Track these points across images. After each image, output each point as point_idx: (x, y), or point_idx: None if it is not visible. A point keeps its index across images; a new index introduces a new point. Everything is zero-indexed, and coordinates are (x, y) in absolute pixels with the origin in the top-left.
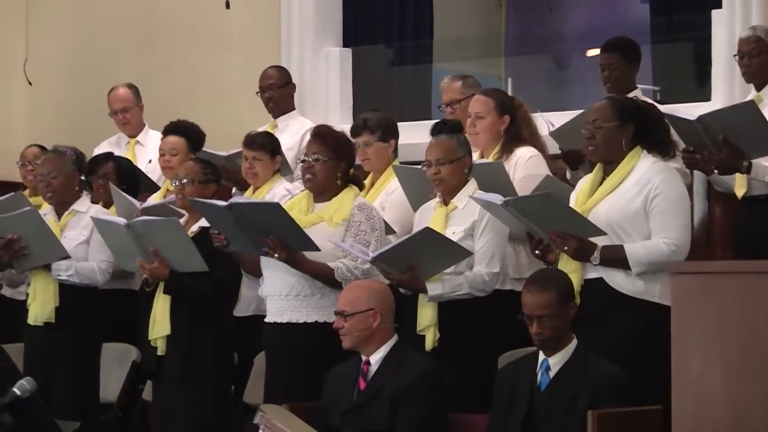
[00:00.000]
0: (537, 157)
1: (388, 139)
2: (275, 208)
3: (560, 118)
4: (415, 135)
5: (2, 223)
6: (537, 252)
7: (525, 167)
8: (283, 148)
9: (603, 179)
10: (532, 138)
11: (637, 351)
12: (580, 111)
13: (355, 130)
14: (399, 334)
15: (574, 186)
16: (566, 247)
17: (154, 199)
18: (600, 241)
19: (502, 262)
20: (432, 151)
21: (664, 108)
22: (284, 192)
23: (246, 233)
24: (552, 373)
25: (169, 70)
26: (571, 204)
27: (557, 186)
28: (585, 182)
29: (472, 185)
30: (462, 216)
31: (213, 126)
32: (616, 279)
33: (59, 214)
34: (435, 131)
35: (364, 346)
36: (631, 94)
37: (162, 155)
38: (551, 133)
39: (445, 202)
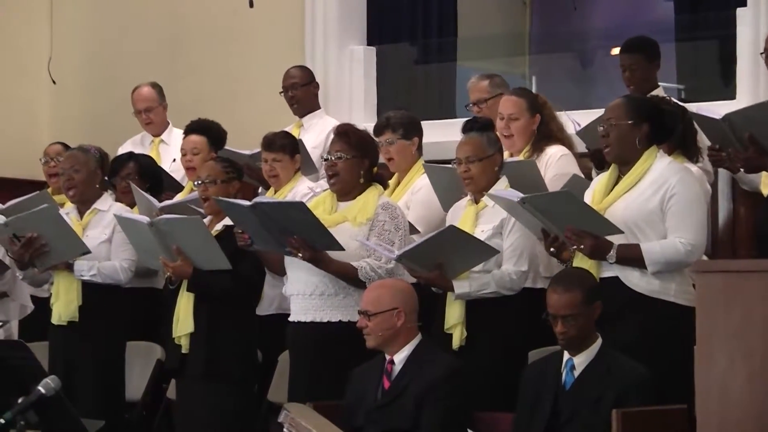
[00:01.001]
0: (568, 156)
1: (411, 137)
2: (299, 207)
3: (584, 117)
4: (439, 133)
5: (21, 222)
6: (552, 249)
7: (556, 166)
8: (309, 146)
9: (618, 178)
10: (561, 135)
11: (653, 350)
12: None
13: (378, 129)
14: (428, 332)
15: None
16: (582, 245)
17: (178, 199)
18: (616, 239)
19: (530, 260)
20: (462, 149)
21: (689, 107)
22: (306, 190)
23: (270, 232)
24: (577, 373)
25: (193, 69)
26: (587, 203)
27: (582, 185)
28: (600, 181)
29: (502, 183)
30: (491, 214)
31: (237, 125)
32: (632, 278)
33: (81, 213)
34: (465, 129)
35: (388, 346)
36: (653, 93)
37: (184, 155)
38: (578, 133)
39: (476, 201)
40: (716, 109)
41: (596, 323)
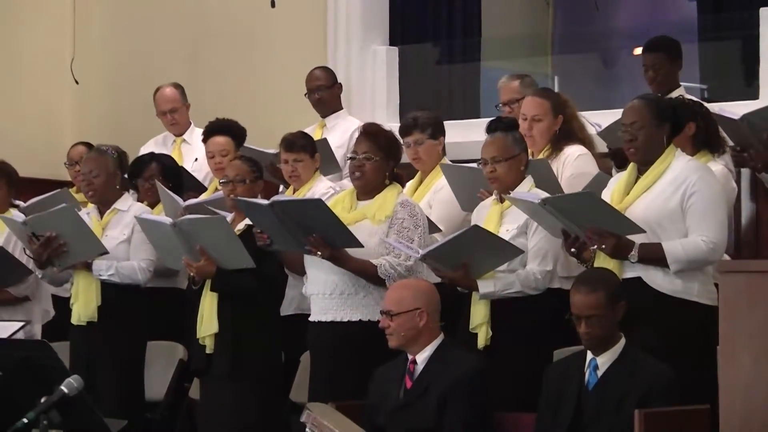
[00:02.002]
0: (586, 156)
1: (438, 137)
2: (318, 204)
3: (607, 117)
4: (462, 134)
5: (39, 221)
6: (572, 250)
7: (573, 165)
8: (333, 146)
9: (637, 178)
10: (582, 134)
11: (676, 350)
12: None
13: (406, 129)
14: (452, 332)
15: None
16: (603, 245)
17: (203, 198)
18: (637, 239)
19: (555, 260)
20: (487, 149)
21: (711, 107)
22: (325, 189)
23: (289, 232)
24: (600, 373)
25: (215, 69)
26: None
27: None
28: (618, 181)
29: (527, 182)
30: (516, 213)
31: (259, 125)
32: (655, 278)
33: (101, 213)
34: (490, 129)
35: (411, 346)
36: (674, 92)
37: (211, 157)
38: (599, 133)
39: (501, 200)
40: (738, 110)
41: (619, 323)
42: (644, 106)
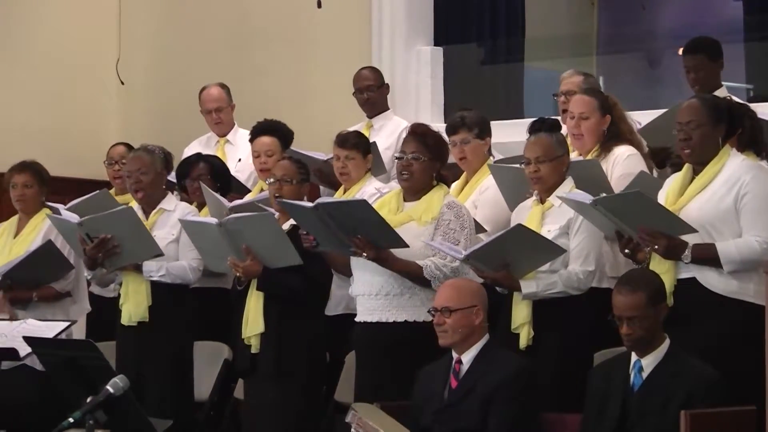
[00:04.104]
0: (635, 156)
1: (485, 137)
2: (362, 205)
3: (652, 118)
4: (506, 134)
5: (95, 223)
6: (627, 251)
7: (623, 166)
8: (381, 148)
9: (692, 178)
10: (630, 135)
11: (731, 351)
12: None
13: (453, 128)
14: (494, 332)
15: (661, 183)
16: (656, 246)
17: (249, 198)
18: (691, 239)
19: (597, 260)
20: (532, 149)
21: (756, 107)
22: (373, 191)
23: (334, 233)
24: (645, 374)
25: (260, 69)
26: (660, 203)
27: (651, 183)
28: (674, 181)
29: (568, 183)
30: (558, 214)
31: (303, 125)
32: (709, 279)
33: (147, 213)
34: (533, 129)
35: (461, 344)
36: (716, 93)
37: (257, 157)
38: (639, 131)
39: (542, 200)
40: None
41: (673, 324)
42: (701, 106)
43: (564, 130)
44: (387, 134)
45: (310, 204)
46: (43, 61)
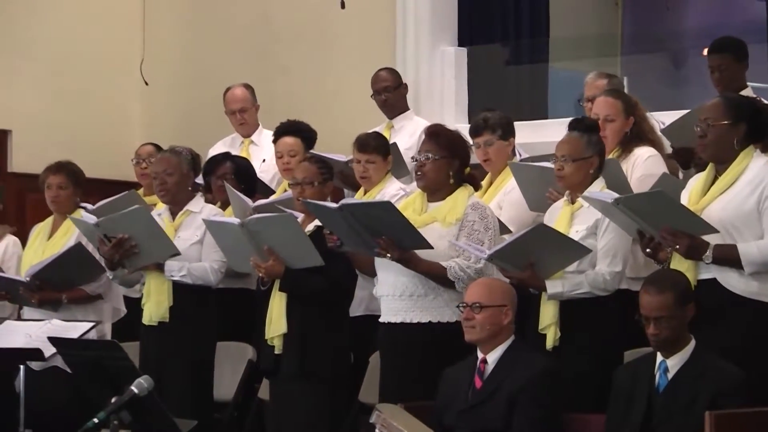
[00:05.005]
0: (656, 157)
1: (508, 138)
2: (386, 206)
3: (677, 118)
4: (531, 134)
5: (112, 223)
6: (648, 250)
7: (643, 166)
8: (402, 149)
9: (715, 178)
10: (652, 136)
11: (752, 353)
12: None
13: (476, 130)
14: (522, 332)
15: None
16: (677, 246)
17: (273, 199)
18: (712, 240)
19: (624, 261)
20: (561, 146)
21: None
22: (395, 191)
23: (358, 234)
24: (670, 375)
25: (284, 70)
26: (683, 203)
27: (673, 184)
28: (697, 181)
29: (599, 184)
30: (586, 214)
31: (327, 126)
32: (730, 279)
33: (173, 214)
34: (571, 126)
35: (487, 343)
36: (741, 93)
37: (280, 157)
38: (662, 131)
39: (572, 201)
40: None
41: (695, 325)
42: (720, 104)
43: None
44: (407, 135)
45: (334, 205)
46: (67, 62)
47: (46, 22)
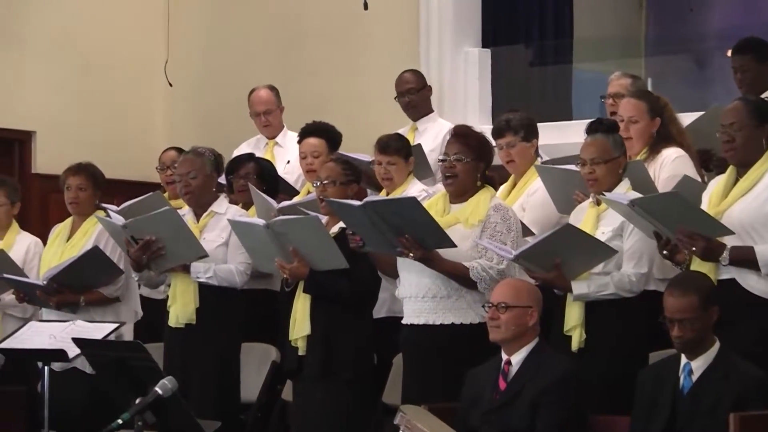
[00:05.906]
0: (683, 158)
1: (531, 139)
2: (411, 202)
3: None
4: (554, 136)
5: (139, 224)
6: (665, 252)
7: (670, 167)
8: (426, 150)
9: (736, 180)
10: (680, 137)
11: None
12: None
13: (498, 132)
14: (546, 334)
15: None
16: (694, 248)
17: (297, 200)
18: (730, 241)
19: (650, 262)
20: (587, 150)
21: None
22: (418, 192)
23: (381, 233)
24: (695, 377)
25: (308, 71)
26: (704, 205)
27: (694, 186)
28: (717, 184)
29: (624, 185)
30: (613, 216)
31: (351, 127)
32: (749, 280)
33: (198, 216)
34: (591, 129)
35: (511, 343)
36: (765, 95)
37: (303, 158)
38: None
39: (598, 203)
40: None
41: (716, 325)
42: (743, 107)
43: None
44: (432, 137)
45: (357, 202)
46: (92, 63)
47: (70, 24)
